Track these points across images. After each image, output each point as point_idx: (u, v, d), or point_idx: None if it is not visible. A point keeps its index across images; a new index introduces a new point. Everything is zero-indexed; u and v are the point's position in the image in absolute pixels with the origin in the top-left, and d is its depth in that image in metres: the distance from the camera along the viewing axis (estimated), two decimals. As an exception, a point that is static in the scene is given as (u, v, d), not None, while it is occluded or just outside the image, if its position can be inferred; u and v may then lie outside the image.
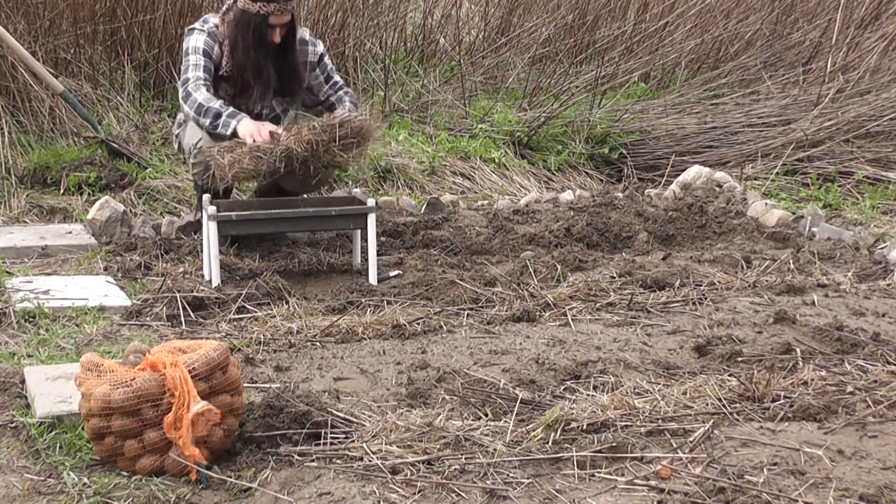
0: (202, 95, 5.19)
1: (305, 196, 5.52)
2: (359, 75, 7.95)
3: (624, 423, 3.42)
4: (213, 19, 5.40)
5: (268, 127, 5.07)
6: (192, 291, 4.68)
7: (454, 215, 6.18)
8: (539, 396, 3.69)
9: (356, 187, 6.37)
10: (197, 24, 5.42)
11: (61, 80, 6.72)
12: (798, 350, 4.10)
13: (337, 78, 5.59)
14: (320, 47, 5.56)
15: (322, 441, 3.31)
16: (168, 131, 6.99)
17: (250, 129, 5.05)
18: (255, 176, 5.05)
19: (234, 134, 5.09)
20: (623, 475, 3.11)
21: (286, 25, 5.28)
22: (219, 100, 5.20)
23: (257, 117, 5.32)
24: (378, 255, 5.17)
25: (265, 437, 3.30)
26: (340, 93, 5.58)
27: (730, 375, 3.85)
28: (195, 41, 5.31)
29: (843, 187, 6.97)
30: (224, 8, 5.37)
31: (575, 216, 6.09)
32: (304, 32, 5.52)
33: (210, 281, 4.90)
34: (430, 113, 7.65)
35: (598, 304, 4.65)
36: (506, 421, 3.45)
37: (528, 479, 3.10)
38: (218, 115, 5.14)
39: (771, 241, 5.81)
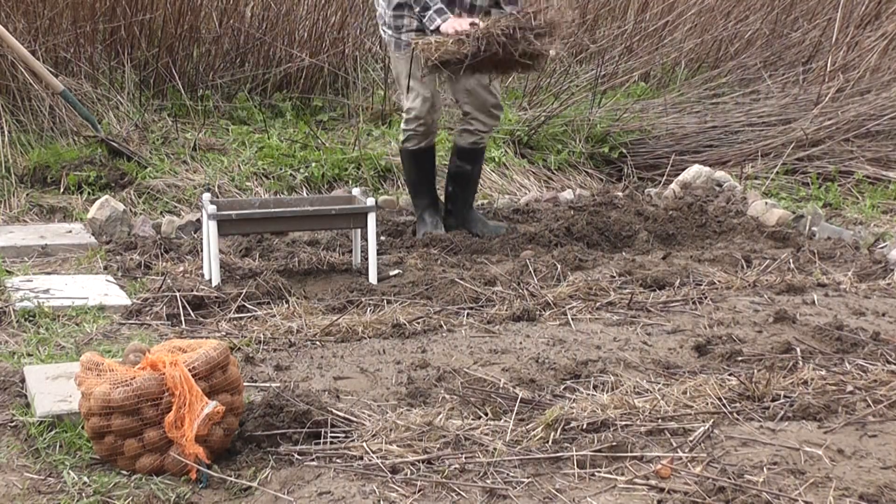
0: None
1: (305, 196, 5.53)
2: (359, 75, 7.95)
3: (624, 423, 3.42)
4: None
5: (468, 20, 5.32)
6: (192, 290, 4.68)
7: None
8: (539, 396, 3.69)
9: (356, 186, 6.37)
10: None
11: (61, 79, 6.72)
12: (798, 349, 4.10)
13: None
14: None
15: (322, 440, 3.30)
16: (168, 130, 6.99)
17: (452, 25, 5.34)
18: (458, 59, 5.22)
19: (437, 31, 5.34)
20: (623, 474, 3.11)
21: None
22: None
23: (471, 8, 5.57)
24: (378, 254, 5.17)
25: (265, 436, 3.30)
26: None
27: (730, 375, 3.85)
28: None
29: (843, 187, 6.96)
30: None
31: (575, 215, 6.09)
32: None
33: (210, 280, 4.90)
34: (431, 112, 7.64)
35: (598, 304, 4.65)
36: (506, 420, 3.44)
37: (528, 478, 3.10)
38: (426, 8, 5.43)
39: (771, 241, 5.81)
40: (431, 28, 5.39)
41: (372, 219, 5.05)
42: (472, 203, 6.04)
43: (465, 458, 3.20)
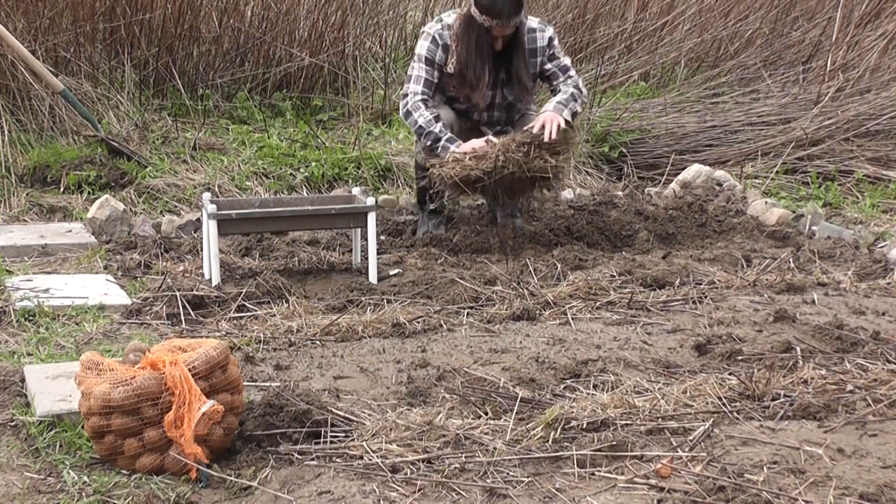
0: (423, 118, 5.49)
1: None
2: (359, 74, 7.95)
3: (624, 422, 3.42)
4: (448, 18, 5.66)
5: (482, 140, 5.41)
6: (192, 290, 4.68)
7: (454, 214, 6.18)
8: (539, 395, 3.69)
9: (356, 186, 6.37)
10: (428, 26, 5.72)
11: (61, 78, 6.72)
12: (798, 349, 4.10)
13: (564, 61, 5.76)
14: (549, 32, 5.75)
15: (322, 440, 3.30)
16: (168, 130, 6.99)
17: (466, 147, 5.40)
18: (478, 177, 5.30)
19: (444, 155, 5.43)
20: (623, 474, 3.11)
21: (510, 35, 5.53)
22: (438, 123, 5.49)
23: (489, 117, 5.74)
24: (378, 253, 5.17)
25: (265, 435, 3.30)
26: (562, 87, 5.72)
27: (730, 374, 3.85)
28: (420, 48, 5.63)
29: (842, 186, 6.96)
30: (465, 6, 5.62)
31: (575, 215, 6.09)
32: (532, 22, 5.70)
33: (210, 280, 4.90)
34: (430, 111, 7.64)
35: (598, 303, 4.65)
36: (506, 419, 3.44)
37: (528, 477, 3.10)
38: (437, 140, 5.45)
39: (771, 240, 5.80)
40: (446, 157, 5.41)
41: (372, 218, 5.05)
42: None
43: (465, 457, 3.20)
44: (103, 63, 7.24)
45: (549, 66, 5.70)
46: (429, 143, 5.47)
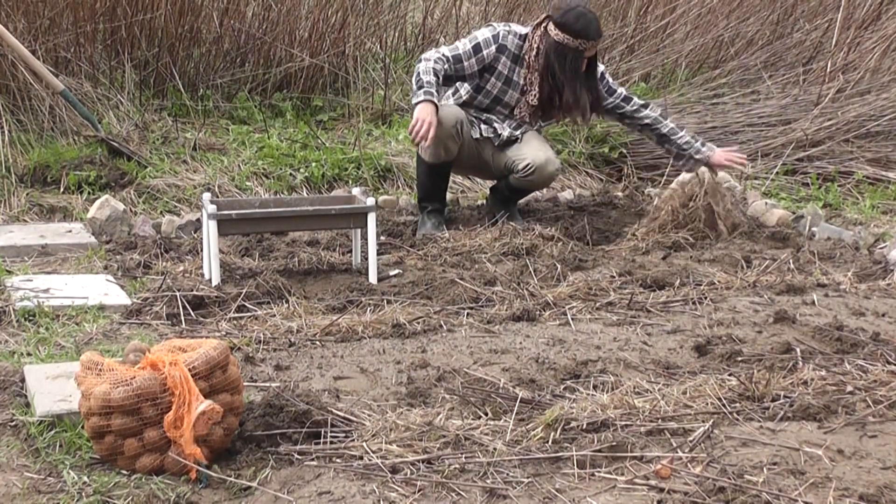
0: (424, 66, 5.59)
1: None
2: (359, 75, 7.95)
3: (624, 423, 3.42)
4: (518, 28, 5.80)
5: (433, 127, 5.48)
6: (192, 290, 4.68)
7: (454, 214, 6.19)
8: (539, 396, 3.69)
9: (356, 186, 6.37)
10: (495, 24, 5.88)
11: (61, 78, 6.72)
12: (798, 350, 4.10)
13: (622, 91, 6.01)
14: (601, 66, 5.97)
15: (322, 440, 3.31)
16: (168, 130, 6.99)
17: (420, 115, 5.48)
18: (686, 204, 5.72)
19: (414, 107, 5.53)
20: (623, 474, 3.11)
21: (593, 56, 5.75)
22: (435, 76, 5.57)
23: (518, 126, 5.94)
24: (378, 254, 5.17)
25: (265, 435, 3.30)
26: (657, 114, 6.07)
27: (730, 375, 3.85)
28: (479, 33, 5.79)
29: (843, 187, 6.96)
30: (537, 33, 5.72)
31: (575, 215, 6.09)
32: None
33: (210, 280, 4.90)
34: (431, 112, 7.64)
35: (597, 304, 4.65)
36: (506, 420, 3.45)
37: (527, 478, 3.10)
38: (420, 87, 5.54)
39: (771, 241, 5.80)
40: (413, 102, 5.54)
41: (372, 219, 5.05)
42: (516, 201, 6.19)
43: (465, 457, 3.20)
44: (104, 63, 7.24)
45: (610, 100, 5.91)
46: (414, 86, 5.57)
